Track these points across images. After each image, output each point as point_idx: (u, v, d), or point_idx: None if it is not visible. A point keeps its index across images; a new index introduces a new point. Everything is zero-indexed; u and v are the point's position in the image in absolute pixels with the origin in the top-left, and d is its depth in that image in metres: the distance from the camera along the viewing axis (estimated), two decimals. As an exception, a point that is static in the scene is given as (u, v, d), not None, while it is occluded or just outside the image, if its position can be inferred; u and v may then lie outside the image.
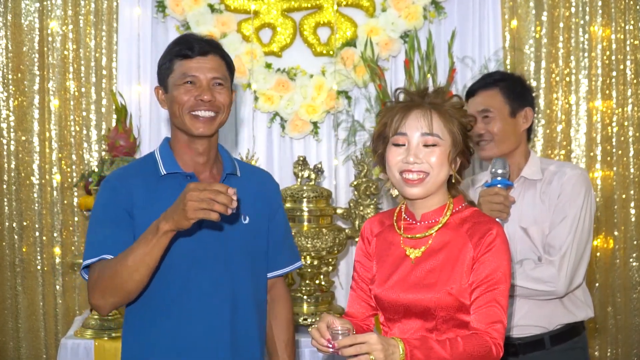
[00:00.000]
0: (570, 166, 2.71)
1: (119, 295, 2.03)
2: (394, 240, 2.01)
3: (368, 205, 3.45)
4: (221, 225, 2.16)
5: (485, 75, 2.90)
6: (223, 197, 1.85)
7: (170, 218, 1.91)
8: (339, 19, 4.00)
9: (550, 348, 2.58)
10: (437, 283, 1.89)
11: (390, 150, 1.93)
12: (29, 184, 4.01)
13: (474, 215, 1.97)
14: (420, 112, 1.90)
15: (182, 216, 1.88)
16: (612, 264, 4.22)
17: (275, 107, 3.98)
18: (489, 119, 2.68)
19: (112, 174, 2.21)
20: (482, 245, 1.88)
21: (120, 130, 3.56)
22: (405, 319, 1.94)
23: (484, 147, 2.68)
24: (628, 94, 4.17)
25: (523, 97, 2.74)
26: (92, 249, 2.08)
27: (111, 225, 2.09)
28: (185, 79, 2.13)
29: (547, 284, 2.50)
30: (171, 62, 2.16)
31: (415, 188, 1.90)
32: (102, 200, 2.14)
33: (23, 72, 3.99)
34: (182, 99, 2.13)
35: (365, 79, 3.94)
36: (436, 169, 1.89)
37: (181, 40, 2.21)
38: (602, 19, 4.13)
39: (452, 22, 4.06)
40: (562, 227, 2.53)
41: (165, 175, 2.15)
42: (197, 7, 3.90)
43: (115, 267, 1.99)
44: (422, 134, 1.89)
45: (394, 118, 1.92)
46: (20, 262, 4.01)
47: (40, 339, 4.04)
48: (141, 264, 1.96)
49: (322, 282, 3.47)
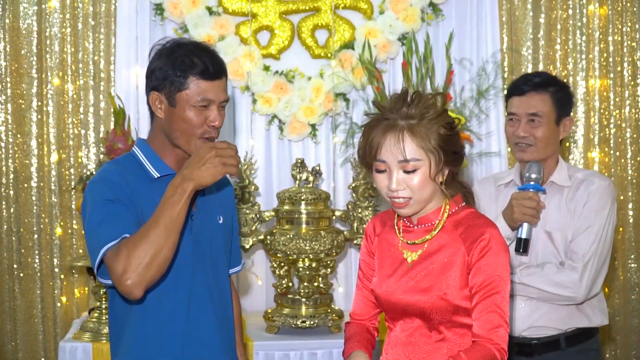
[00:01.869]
0: (599, 176, 2.72)
1: (157, 266, 1.92)
2: (393, 241, 2.02)
3: (366, 207, 3.46)
4: (207, 227, 2.19)
5: (533, 74, 2.82)
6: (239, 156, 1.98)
7: (193, 176, 1.93)
8: (337, 21, 4.01)
9: (566, 349, 2.60)
10: (431, 287, 1.90)
11: (375, 175, 1.93)
12: (27, 186, 4.00)
13: (469, 217, 1.96)
14: (393, 139, 1.86)
15: (210, 172, 1.93)
16: (611, 265, 4.22)
17: (274, 110, 3.98)
18: (536, 123, 2.63)
19: (109, 172, 2.12)
20: (476, 250, 1.88)
21: (119, 133, 3.56)
22: (405, 317, 1.95)
23: (524, 149, 2.64)
24: (626, 96, 4.18)
25: (569, 105, 2.72)
26: (110, 233, 1.97)
27: (118, 209, 2.02)
28: (203, 103, 2.09)
29: (568, 289, 2.52)
30: (186, 78, 2.08)
31: (403, 209, 1.92)
32: (102, 193, 2.05)
33: (21, 74, 3.98)
34: (195, 121, 2.09)
35: (363, 82, 3.95)
36: (417, 193, 1.88)
37: (196, 54, 2.11)
38: (599, 20, 4.14)
39: (449, 24, 4.06)
40: (587, 235, 2.55)
41: (158, 178, 2.13)
42: (195, 9, 3.90)
43: (147, 237, 1.91)
44: (398, 162, 1.86)
45: (372, 142, 1.90)
46: (18, 265, 4.00)
47: (39, 342, 4.03)
48: (172, 226, 1.93)
49: (321, 285, 3.47)
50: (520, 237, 2.54)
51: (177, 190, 1.94)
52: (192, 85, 2.09)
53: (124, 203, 2.03)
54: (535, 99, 2.65)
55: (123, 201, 2.04)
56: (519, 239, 2.54)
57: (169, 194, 1.95)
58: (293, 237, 3.30)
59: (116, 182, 2.07)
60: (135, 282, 1.91)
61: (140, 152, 2.18)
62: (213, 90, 2.10)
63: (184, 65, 2.09)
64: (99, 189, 2.07)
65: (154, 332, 2.12)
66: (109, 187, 2.06)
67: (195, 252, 2.16)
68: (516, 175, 2.73)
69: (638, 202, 4.19)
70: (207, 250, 2.19)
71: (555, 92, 2.66)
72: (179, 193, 1.94)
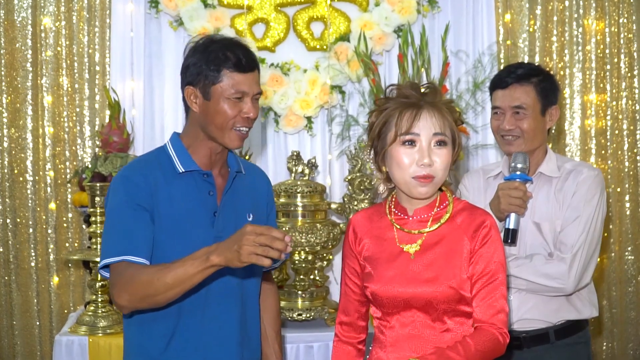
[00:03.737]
0: (587, 166, 2.68)
1: (147, 303, 2.02)
2: (387, 236, 2.01)
3: (362, 200, 3.45)
4: (232, 225, 2.17)
5: (515, 66, 2.75)
6: (279, 244, 1.83)
7: (223, 254, 1.90)
8: (332, 13, 4.00)
9: (555, 342, 2.58)
10: (438, 277, 1.90)
11: (400, 151, 1.92)
12: (22, 180, 4.00)
13: (465, 207, 1.99)
14: (427, 113, 1.91)
15: (235, 256, 1.87)
16: (608, 257, 4.23)
17: (269, 102, 3.97)
18: (521, 115, 2.61)
19: (131, 168, 2.18)
20: (478, 237, 1.91)
21: (114, 127, 3.56)
22: (404, 311, 1.94)
23: (511, 142, 2.62)
24: (622, 87, 4.18)
25: (553, 94, 2.68)
26: (113, 247, 2.06)
27: (132, 222, 2.07)
28: (237, 95, 2.13)
29: (557, 280, 2.49)
30: (219, 72, 2.12)
31: (425, 187, 1.92)
32: (122, 195, 2.11)
33: (16, 68, 3.98)
34: (229, 113, 2.13)
35: (359, 74, 3.94)
36: (440, 172, 1.92)
37: (230, 49, 2.15)
38: (595, 12, 4.13)
39: (445, 16, 4.05)
40: (575, 225, 2.53)
41: (183, 173, 2.16)
42: (190, 2, 3.89)
43: (152, 278, 1.97)
44: (434, 134, 1.90)
45: (402, 117, 1.91)
46: (14, 259, 4.00)
47: (35, 335, 4.03)
48: (180, 285, 1.95)
49: (317, 277, 3.46)
50: (508, 228, 2.52)
51: (202, 257, 1.93)
52: (226, 78, 2.13)
53: (141, 207, 2.08)
54: (518, 91, 2.62)
55: (141, 204, 2.08)
56: (507, 229, 2.52)
57: (196, 255, 1.95)
58: (289, 229, 3.29)
59: (136, 183, 2.11)
60: (125, 305, 2.04)
61: (170, 146, 2.22)
62: (246, 82, 2.14)
63: (217, 59, 2.13)
64: (119, 189, 2.13)
65: (161, 327, 2.14)
66: (127, 191, 2.11)
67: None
68: (504, 167, 2.72)
69: (635, 194, 4.18)
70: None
71: (539, 83, 2.63)
72: (203, 260, 1.92)
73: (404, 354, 1.93)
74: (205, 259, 1.91)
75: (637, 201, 4.19)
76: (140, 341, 2.18)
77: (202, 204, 2.16)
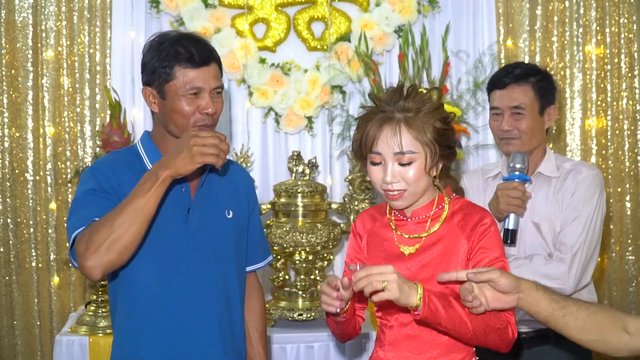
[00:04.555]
0: (587, 166, 2.68)
1: (115, 251, 1.91)
2: (388, 236, 2.02)
3: (363, 200, 3.45)
4: (209, 221, 2.16)
5: (512, 66, 2.76)
6: (225, 145, 1.93)
7: (171, 164, 1.91)
8: (333, 13, 4.00)
9: (555, 342, 2.59)
10: (433, 277, 1.90)
11: (369, 168, 1.94)
12: (23, 180, 4.00)
13: (464, 207, 1.99)
14: (390, 131, 1.87)
15: (186, 162, 1.89)
16: (608, 257, 4.22)
17: (270, 102, 3.97)
18: (520, 115, 2.61)
19: (101, 162, 2.14)
20: (476, 234, 1.91)
21: (115, 126, 3.56)
22: (403, 311, 1.95)
23: (510, 142, 2.63)
24: (623, 87, 4.17)
25: (551, 94, 2.69)
26: (81, 219, 1.98)
27: (99, 199, 2.02)
28: (192, 91, 2.07)
29: (557, 280, 2.49)
30: (172, 68, 2.07)
31: (397, 202, 1.92)
32: (90, 184, 2.06)
33: (17, 68, 3.98)
34: (186, 110, 2.08)
35: (359, 74, 3.94)
36: (413, 185, 1.90)
37: (181, 44, 2.09)
38: (596, 12, 4.12)
39: (446, 16, 4.05)
40: (574, 225, 2.53)
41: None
42: (191, 2, 3.89)
43: (110, 221, 1.90)
44: (394, 154, 1.87)
45: (367, 134, 1.90)
46: (14, 258, 4.00)
47: (35, 335, 4.03)
48: (139, 214, 1.90)
49: (317, 277, 3.46)
50: (508, 228, 2.52)
51: (151, 178, 1.92)
52: (179, 74, 2.07)
53: (107, 193, 2.04)
54: (516, 91, 2.62)
55: (107, 191, 2.04)
56: (506, 229, 2.52)
57: (142, 181, 1.94)
58: (289, 229, 3.30)
59: (104, 173, 2.08)
60: (93, 264, 1.91)
61: (140, 145, 2.19)
62: (201, 77, 2.08)
63: (169, 55, 2.07)
64: (86, 179, 2.09)
65: (140, 326, 2.11)
66: (95, 178, 2.07)
67: (193, 246, 2.14)
68: (503, 168, 2.72)
69: (635, 194, 4.18)
70: (211, 245, 2.16)
71: (537, 82, 2.64)
72: (151, 180, 1.92)
73: (401, 354, 1.94)
74: (155, 178, 1.91)
75: (637, 201, 4.18)
76: (123, 340, 2.16)
77: (174, 201, 2.12)
